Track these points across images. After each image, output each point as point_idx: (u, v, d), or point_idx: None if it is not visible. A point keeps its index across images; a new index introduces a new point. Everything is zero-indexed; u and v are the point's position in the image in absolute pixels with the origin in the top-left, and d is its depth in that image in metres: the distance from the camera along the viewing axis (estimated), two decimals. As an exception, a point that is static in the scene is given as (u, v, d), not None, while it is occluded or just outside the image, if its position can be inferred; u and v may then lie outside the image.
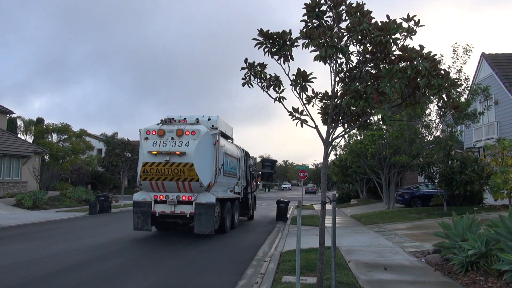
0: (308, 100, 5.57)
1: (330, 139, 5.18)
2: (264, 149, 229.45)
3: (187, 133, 12.10)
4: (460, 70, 18.55)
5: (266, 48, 5.03)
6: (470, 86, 20.13)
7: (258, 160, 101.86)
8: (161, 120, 13.11)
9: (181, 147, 11.94)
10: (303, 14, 5.19)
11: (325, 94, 5.52)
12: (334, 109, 5.13)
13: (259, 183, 65.31)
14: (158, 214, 12.48)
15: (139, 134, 12.58)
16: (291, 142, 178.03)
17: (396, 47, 4.46)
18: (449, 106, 4.44)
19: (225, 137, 14.69)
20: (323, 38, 4.49)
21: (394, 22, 4.41)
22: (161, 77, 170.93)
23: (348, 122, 5.36)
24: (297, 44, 5.03)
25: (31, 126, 39.54)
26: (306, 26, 5.02)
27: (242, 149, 17.78)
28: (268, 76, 5.32)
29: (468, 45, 18.40)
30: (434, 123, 20.69)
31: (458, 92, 18.12)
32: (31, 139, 37.62)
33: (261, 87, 5.33)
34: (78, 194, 26.87)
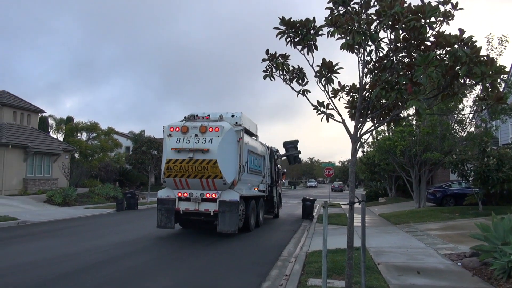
0: (334, 93, 5.22)
1: (358, 135, 4.81)
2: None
3: (211, 129, 11.92)
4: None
5: (288, 37, 4.71)
6: (507, 78, 19.06)
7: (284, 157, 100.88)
8: (184, 117, 12.99)
9: (204, 144, 11.77)
10: (328, 1, 4.84)
11: (352, 86, 5.15)
12: (362, 102, 4.75)
13: (285, 181, 64.90)
14: (182, 212, 12.38)
15: (163, 131, 12.51)
16: (317, 140, 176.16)
17: (432, 32, 4.03)
18: (492, 98, 3.98)
19: (249, 134, 14.45)
20: (351, 24, 4.12)
21: (430, 4, 3.99)
22: (186, 76, 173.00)
23: (377, 117, 4.97)
24: (321, 33, 4.69)
25: (62, 125, 40.63)
26: (332, 13, 4.66)
27: (267, 146, 17.48)
28: (291, 68, 4.99)
29: (504, 35, 17.42)
30: (467, 118, 19.77)
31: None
32: (62, 137, 38.65)
33: (283, 80, 5.01)
34: (106, 191, 27.36)
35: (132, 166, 31.23)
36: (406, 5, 4.19)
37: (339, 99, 5.36)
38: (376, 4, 4.59)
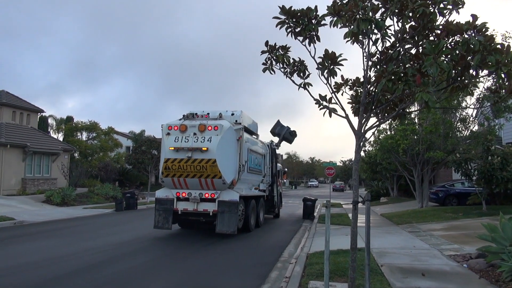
0: (337, 87, 4.97)
1: (362, 131, 4.57)
2: (290, 146, 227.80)
3: (210, 128, 11.68)
4: None
5: (289, 28, 4.47)
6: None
7: (285, 157, 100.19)
8: (183, 115, 12.75)
9: (203, 143, 11.53)
10: (331, -11, 4.59)
11: (356, 80, 4.90)
12: (367, 96, 4.51)
13: (285, 180, 64.64)
14: (180, 212, 12.14)
15: (161, 129, 12.27)
16: (318, 139, 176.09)
17: (442, 20, 3.78)
18: (506, 88, 3.73)
19: (249, 132, 14.21)
20: (355, 10, 3.88)
21: (440, -11, 3.74)
22: (187, 75, 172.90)
23: (382, 112, 4.73)
24: (324, 22, 4.44)
25: (62, 125, 40.43)
26: (335, 2, 4.41)
27: (268, 145, 17.23)
28: (291, 60, 4.75)
29: (507, 31, 17.20)
30: (471, 117, 19.52)
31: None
32: (62, 137, 38.44)
33: (284, 73, 4.77)
34: (106, 190, 27.13)
35: (132, 166, 31.01)
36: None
37: (342, 94, 5.12)
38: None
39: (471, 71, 3.88)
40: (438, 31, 3.81)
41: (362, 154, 29.92)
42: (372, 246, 9.35)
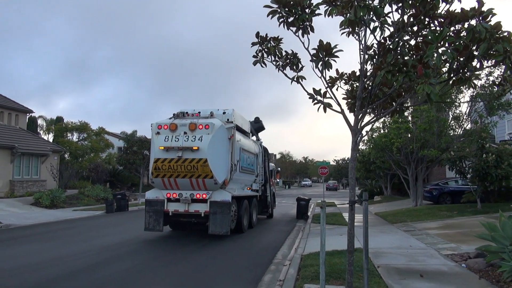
0: (332, 82, 4.72)
1: (359, 127, 4.32)
2: (283, 146, 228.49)
3: (201, 127, 11.38)
4: None
5: (281, 17, 4.20)
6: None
7: (278, 157, 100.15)
8: (173, 114, 12.45)
9: (194, 142, 11.23)
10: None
11: (352, 74, 4.66)
12: (363, 90, 4.26)
13: (278, 180, 64.40)
14: (171, 213, 11.84)
15: (151, 129, 11.95)
16: (311, 139, 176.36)
17: (445, 5, 3.54)
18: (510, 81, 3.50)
19: (241, 131, 13.93)
20: (352, -4, 3.62)
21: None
22: (180, 76, 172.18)
23: (379, 107, 4.48)
24: (318, 12, 4.18)
25: (53, 125, 39.79)
26: (330, -10, 4.15)
27: (260, 144, 16.98)
28: (284, 52, 4.49)
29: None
30: (464, 115, 19.44)
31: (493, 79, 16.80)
32: (52, 138, 37.82)
33: (275, 66, 4.50)
34: (96, 192, 26.66)
35: (123, 167, 30.52)
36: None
37: (337, 89, 4.87)
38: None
39: (474, 63, 3.65)
40: (441, 19, 3.55)
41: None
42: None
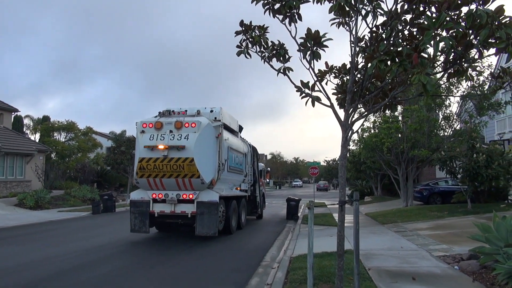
0: (321, 75, 4.45)
1: (349, 122, 4.05)
2: (274, 146, 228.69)
3: (187, 125, 11.05)
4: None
5: (266, 4, 3.91)
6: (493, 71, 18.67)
7: (269, 157, 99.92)
8: (159, 112, 12.09)
9: (180, 141, 10.89)
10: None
11: (342, 67, 4.39)
12: (354, 83, 3.99)
13: (269, 180, 64.11)
14: (157, 214, 11.49)
15: (136, 127, 11.58)
16: (302, 140, 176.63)
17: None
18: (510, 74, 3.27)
19: (229, 130, 13.61)
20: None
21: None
22: (170, 75, 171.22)
23: (371, 101, 4.23)
24: (306, -2, 3.90)
25: (39, 125, 38.98)
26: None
27: (249, 144, 16.68)
28: (270, 43, 4.20)
29: None
30: (454, 115, 19.39)
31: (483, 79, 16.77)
32: (39, 138, 37.04)
33: (261, 57, 4.21)
34: (83, 193, 26.12)
35: (110, 167, 29.96)
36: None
37: (327, 83, 4.60)
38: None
39: (473, 53, 3.41)
40: (439, 4, 3.29)
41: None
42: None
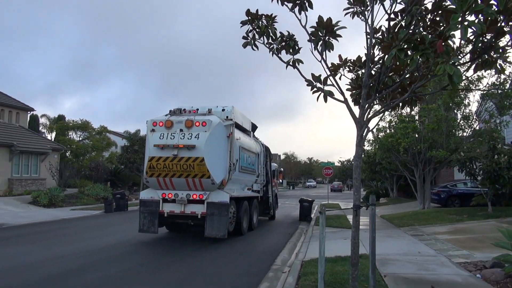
0: (334, 69, 4.13)
1: (365, 118, 3.72)
2: (288, 147, 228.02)
3: (197, 124, 10.81)
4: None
5: (275, -9, 3.62)
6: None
7: (282, 157, 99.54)
8: (170, 110, 11.89)
9: (190, 140, 10.67)
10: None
11: (357, 59, 4.07)
12: (370, 76, 3.66)
13: (281, 180, 63.70)
14: (166, 214, 11.29)
15: (146, 126, 11.41)
16: (316, 140, 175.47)
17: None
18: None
19: (241, 129, 13.34)
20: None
21: None
22: (185, 76, 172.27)
23: (388, 96, 3.88)
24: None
25: (55, 124, 39.42)
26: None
27: (262, 143, 16.39)
28: (278, 34, 3.90)
29: None
30: (474, 114, 18.73)
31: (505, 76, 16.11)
32: (54, 137, 37.45)
33: (269, 49, 3.92)
34: (96, 191, 26.24)
35: (124, 166, 30.03)
36: None
37: (340, 78, 4.28)
38: None
39: (504, 41, 3.05)
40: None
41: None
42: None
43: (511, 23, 2.78)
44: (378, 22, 3.94)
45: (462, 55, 3.36)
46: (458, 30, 2.70)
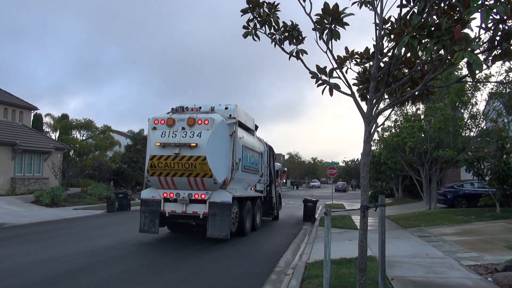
0: (340, 61, 3.89)
1: (373, 113, 3.49)
2: (292, 146, 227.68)
3: (200, 122, 10.60)
4: None
5: (277, -23, 3.39)
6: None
7: (286, 157, 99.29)
8: (172, 108, 11.68)
9: (192, 138, 10.46)
10: None
11: (365, 51, 3.82)
12: (379, 68, 3.43)
13: (285, 180, 63.41)
14: (168, 214, 11.09)
15: (148, 124, 11.22)
16: (320, 140, 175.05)
17: None
18: None
19: (244, 128, 13.11)
20: None
21: None
22: (189, 76, 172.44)
23: (398, 90, 3.64)
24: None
25: (59, 123, 39.42)
26: None
27: (266, 143, 16.16)
28: (281, 24, 3.67)
29: None
30: (481, 113, 18.40)
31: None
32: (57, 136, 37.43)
33: (271, 39, 3.69)
34: (99, 190, 26.11)
35: (127, 165, 29.90)
36: None
37: (346, 71, 4.04)
38: None
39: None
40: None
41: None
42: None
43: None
44: (387, 12, 3.71)
45: (481, 44, 3.11)
46: (478, 12, 2.47)
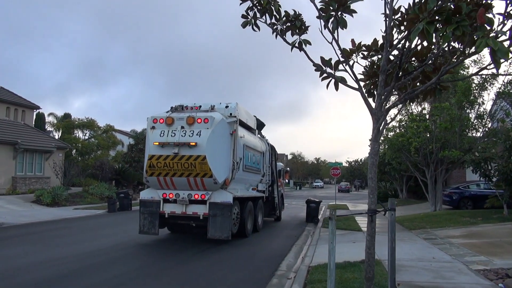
0: (347, 54, 3.63)
1: (382, 109, 3.22)
2: (295, 147, 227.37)
3: (199, 121, 10.35)
4: None
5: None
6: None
7: (290, 157, 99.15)
8: (171, 107, 11.44)
9: (191, 137, 10.20)
10: None
11: (373, 43, 3.55)
12: (389, 61, 3.16)
13: (288, 180, 63.12)
14: (167, 215, 10.85)
15: (147, 123, 10.97)
16: (323, 140, 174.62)
17: None
18: None
19: (245, 127, 12.84)
20: None
21: None
22: (193, 76, 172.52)
23: (409, 84, 3.37)
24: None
25: (61, 122, 39.31)
26: None
27: (268, 142, 15.89)
28: (283, 13, 3.41)
29: None
30: (487, 113, 18.06)
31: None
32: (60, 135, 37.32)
33: (272, 30, 3.42)
34: (101, 190, 25.94)
35: (128, 165, 29.71)
36: None
37: (353, 65, 3.77)
38: None
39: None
40: None
41: (367, 155, 28.46)
42: (383, 257, 7.93)
43: None
44: (397, 1, 3.44)
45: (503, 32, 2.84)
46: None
